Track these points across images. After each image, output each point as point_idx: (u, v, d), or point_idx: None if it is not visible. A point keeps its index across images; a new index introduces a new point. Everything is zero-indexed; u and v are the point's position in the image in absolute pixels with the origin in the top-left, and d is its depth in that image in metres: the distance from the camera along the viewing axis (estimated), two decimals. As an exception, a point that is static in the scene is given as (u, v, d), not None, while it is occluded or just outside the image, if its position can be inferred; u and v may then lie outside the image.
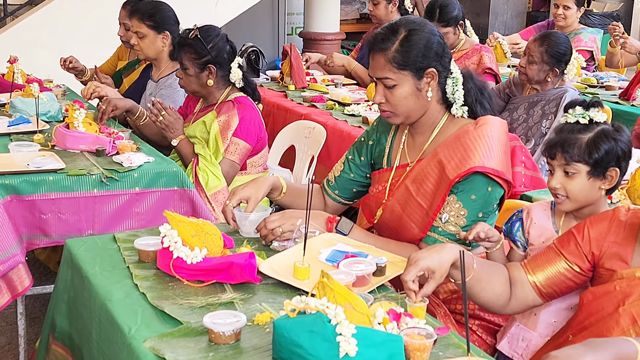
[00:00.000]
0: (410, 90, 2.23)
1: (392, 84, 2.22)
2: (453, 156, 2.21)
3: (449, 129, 2.31)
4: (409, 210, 2.29)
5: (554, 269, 1.90)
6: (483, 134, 2.21)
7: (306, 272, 1.95)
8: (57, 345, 2.20)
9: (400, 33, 2.22)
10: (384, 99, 2.26)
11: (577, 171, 2.02)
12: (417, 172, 2.29)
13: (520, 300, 1.94)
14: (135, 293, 1.91)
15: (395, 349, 1.53)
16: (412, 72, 2.21)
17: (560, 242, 1.93)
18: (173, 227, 2.00)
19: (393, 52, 2.20)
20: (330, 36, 8.48)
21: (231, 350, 1.62)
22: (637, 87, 4.53)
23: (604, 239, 1.86)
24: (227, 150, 3.25)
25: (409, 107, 2.25)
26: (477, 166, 2.17)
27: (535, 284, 1.92)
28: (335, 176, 2.54)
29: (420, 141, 2.36)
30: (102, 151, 3.07)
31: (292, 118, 4.31)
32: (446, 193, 2.21)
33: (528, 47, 3.81)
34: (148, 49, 3.88)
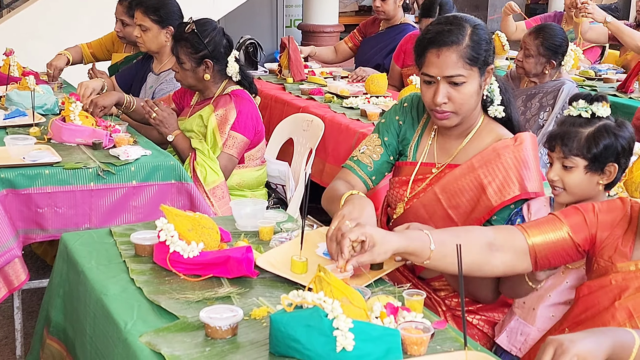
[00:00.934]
0: (476, 88, 2.16)
1: (462, 81, 2.13)
2: (494, 177, 2.16)
3: (483, 135, 2.25)
4: (437, 219, 2.22)
5: (554, 235, 1.85)
6: (523, 154, 2.17)
7: (303, 266, 1.94)
8: (52, 339, 2.19)
9: (466, 27, 2.14)
10: (446, 98, 2.15)
11: (575, 165, 2.01)
12: (449, 181, 2.22)
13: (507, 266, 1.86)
14: (131, 287, 1.91)
15: (393, 343, 1.53)
16: (479, 68, 2.15)
17: (564, 214, 1.88)
18: (170, 221, 1.99)
19: (465, 46, 2.11)
20: (328, 28, 8.47)
21: (228, 345, 1.61)
22: (635, 80, 4.52)
23: (611, 229, 1.83)
24: (225, 144, 3.24)
25: (471, 106, 2.18)
26: (521, 194, 2.15)
27: (534, 249, 1.85)
28: (374, 160, 2.36)
29: (452, 143, 2.29)
30: (99, 144, 3.06)
31: (290, 111, 4.29)
32: (486, 217, 2.18)
33: (524, 41, 3.80)
34: (151, 43, 3.87)
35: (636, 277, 1.76)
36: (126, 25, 4.26)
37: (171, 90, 3.76)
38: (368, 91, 4.48)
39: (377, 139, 2.39)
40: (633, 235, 1.81)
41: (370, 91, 4.46)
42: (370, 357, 1.50)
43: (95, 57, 4.64)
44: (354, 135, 3.73)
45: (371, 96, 4.37)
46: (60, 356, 2.16)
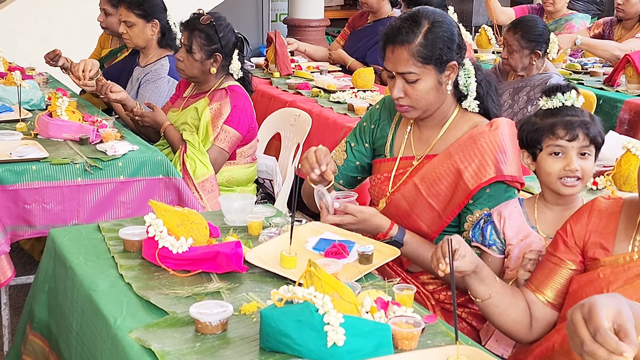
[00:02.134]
0: (433, 85, 2.18)
1: (414, 79, 2.16)
2: (470, 162, 2.18)
3: (459, 125, 2.28)
4: (418, 210, 2.25)
5: (558, 279, 1.89)
6: (499, 139, 2.18)
7: (293, 261, 1.93)
8: (35, 335, 2.18)
9: (423, 25, 2.15)
10: (402, 93, 2.19)
11: (591, 153, 2.02)
12: (428, 171, 2.25)
13: (541, 322, 1.91)
14: (120, 283, 1.90)
15: (383, 338, 1.53)
16: (435, 65, 2.16)
17: (552, 247, 1.92)
18: (158, 216, 1.98)
19: (417, 45, 2.14)
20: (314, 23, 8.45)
21: (218, 340, 1.61)
22: (621, 73, 4.54)
23: (585, 230, 1.86)
24: (217, 137, 3.24)
25: (429, 101, 2.21)
26: (497, 176, 2.16)
27: (548, 302, 1.90)
28: (338, 166, 2.42)
29: (428, 135, 2.32)
30: (86, 140, 3.04)
31: (277, 105, 4.28)
32: (464, 202, 2.20)
33: (504, 38, 3.82)
34: (137, 38, 3.85)
35: (624, 269, 1.77)
36: (109, 15, 4.24)
37: (154, 80, 3.78)
38: (355, 85, 4.47)
39: (344, 144, 2.48)
40: (613, 228, 1.83)
41: (357, 85, 4.45)
42: (361, 352, 1.50)
43: None
44: (341, 130, 3.73)
45: (358, 90, 4.36)
46: (43, 352, 2.15)
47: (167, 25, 3.91)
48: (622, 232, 1.82)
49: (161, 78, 3.78)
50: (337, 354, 1.49)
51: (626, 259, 1.78)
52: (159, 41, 3.89)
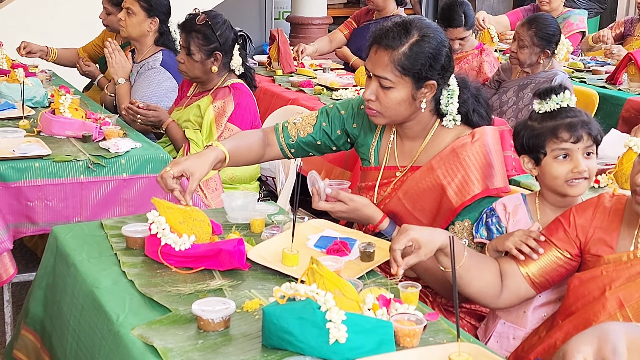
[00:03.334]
0: (405, 97, 2.13)
1: (388, 86, 2.12)
2: (453, 177, 2.15)
3: (441, 136, 2.24)
4: (406, 222, 2.18)
5: (546, 258, 1.91)
6: (481, 151, 2.15)
7: (295, 259, 1.94)
8: (28, 330, 2.18)
9: (412, 35, 2.11)
10: (374, 96, 2.15)
11: (594, 152, 2.03)
12: (411, 185, 2.22)
13: (513, 293, 1.94)
14: (123, 280, 1.90)
15: (385, 335, 1.54)
16: (413, 79, 2.11)
17: (548, 231, 1.93)
18: (161, 213, 1.98)
19: (400, 54, 2.10)
20: (317, 20, 8.44)
21: (220, 337, 1.61)
22: (623, 72, 4.53)
23: (589, 225, 1.87)
24: (221, 136, 3.24)
25: (398, 112, 2.17)
26: (481, 192, 2.14)
27: (529, 276, 1.92)
28: (299, 136, 2.38)
29: (411, 146, 2.29)
30: (89, 137, 3.05)
31: (279, 103, 4.29)
32: (450, 218, 2.18)
33: (517, 32, 3.81)
34: (133, 28, 3.85)
35: (627, 267, 1.78)
36: (110, 14, 4.25)
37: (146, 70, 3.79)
38: (358, 83, 4.47)
39: (314, 118, 2.41)
40: (617, 225, 1.83)
41: (360, 83, 4.45)
42: (363, 349, 1.50)
43: (91, 59, 4.63)
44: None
45: (361, 88, 4.36)
46: (34, 348, 2.15)
47: (167, 29, 3.93)
48: (625, 230, 1.83)
49: (152, 69, 3.78)
50: (339, 351, 1.49)
51: (629, 256, 1.79)
52: (156, 40, 3.90)
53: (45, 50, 4.59)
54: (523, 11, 5.81)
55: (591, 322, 1.77)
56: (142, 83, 3.79)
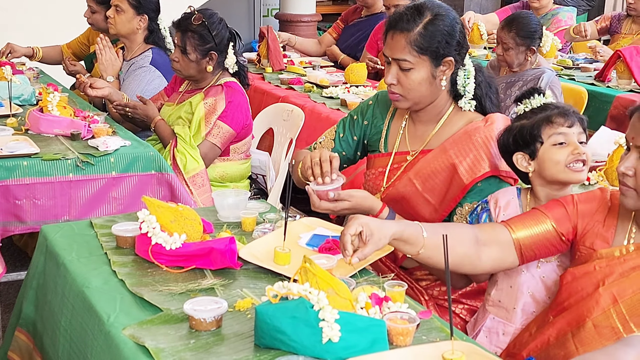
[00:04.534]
0: (426, 76, 2.18)
1: (408, 67, 2.16)
2: (465, 156, 2.18)
3: (454, 121, 2.28)
4: (414, 204, 2.25)
5: (539, 228, 1.88)
6: (493, 134, 2.18)
7: (287, 258, 1.93)
8: (21, 331, 2.17)
9: (425, 16, 2.16)
10: (395, 80, 2.20)
11: (585, 141, 2.04)
12: (422, 166, 2.24)
13: (496, 261, 1.89)
14: (113, 280, 1.89)
15: (378, 334, 1.53)
16: (431, 58, 2.16)
17: (546, 207, 1.91)
18: (151, 212, 1.97)
19: (416, 34, 2.15)
20: (306, 18, 8.43)
21: (212, 337, 1.60)
22: (612, 69, 4.55)
23: (591, 217, 1.86)
24: (209, 133, 3.23)
25: (421, 93, 2.21)
26: (491, 171, 2.17)
27: (519, 242, 1.88)
28: None
29: (423, 130, 2.32)
30: (77, 135, 3.03)
31: (269, 101, 4.28)
32: (460, 196, 2.19)
33: (499, 36, 3.83)
34: (122, 26, 3.84)
35: (620, 262, 1.78)
36: (94, 12, 4.23)
37: (135, 69, 3.78)
38: (348, 81, 4.46)
39: (334, 132, 2.48)
40: (614, 221, 1.83)
41: (350, 81, 4.45)
42: (356, 347, 1.49)
43: (76, 57, 4.60)
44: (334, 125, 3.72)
45: (351, 86, 4.36)
46: (27, 349, 2.14)
47: (157, 26, 3.91)
48: (620, 226, 1.83)
49: (142, 67, 3.78)
50: (332, 350, 1.48)
51: (622, 251, 1.79)
52: (146, 38, 3.89)
53: (30, 52, 4.57)
54: (512, 9, 5.82)
55: (584, 318, 1.77)
56: (132, 81, 3.77)
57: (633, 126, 1.73)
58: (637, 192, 1.71)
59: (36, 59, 4.62)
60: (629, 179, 1.72)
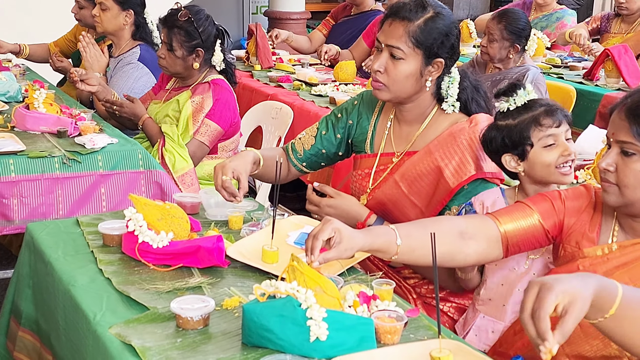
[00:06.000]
0: (414, 71, 2.17)
1: (400, 56, 2.16)
2: (450, 159, 2.18)
3: (439, 122, 2.27)
4: (401, 207, 2.25)
5: (525, 221, 1.86)
6: (477, 136, 2.17)
7: (274, 256, 1.92)
8: (25, 331, 2.14)
9: (428, 11, 2.17)
10: (383, 68, 2.19)
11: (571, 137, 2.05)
12: (408, 168, 2.24)
13: (480, 255, 1.87)
14: (100, 278, 1.87)
15: (366, 332, 1.53)
16: (424, 53, 2.16)
17: (532, 201, 1.90)
18: (138, 210, 1.96)
19: (415, 26, 2.15)
20: (295, 15, 8.42)
21: (200, 335, 1.59)
22: (601, 68, 4.56)
23: (579, 215, 1.85)
24: (197, 131, 3.22)
25: (405, 87, 2.20)
26: (477, 173, 2.17)
27: (506, 236, 1.86)
28: (305, 149, 2.45)
29: (408, 131, 2.31)
30: (64, 132, 3.01)
31: (258, 98, 4.27)
32: (447, 199, 2.19)
33: (487, 26, 3.83)
34: (108, 23, 3.82)
35: (603, 261, 1.78)
36: (82, 8, 4.20)
37: (123, 66, 3.76)
38: (337, 78, 4.46)
39: (315, 129, 2.47)
40: (599, 220, 1.84)
41: (339, 79, 4.44)
42: (344, 346, 1.49)
43: (64, 54, 4.58)
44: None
45: (340, 83, 4.35)
46: (35, 348, 2.12)
47: (143, 20, 3.89)
48: (604, 224, 1.83)
49: (130, 64, 3.76)
50: (320, 349, 1.48)
51: (605, 250, 1.79)
52: (133, 34, 3.87)
53: (17, 49, 4.55)
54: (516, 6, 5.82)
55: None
56: (120, 79, 3.75)
57: (613, 122, 1.73)
58: (619, 187, 1.71)
59: (22, 56, 4.59)
60: (610, 175, 1.72)
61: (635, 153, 1.67)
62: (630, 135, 1.66)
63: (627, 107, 1.69)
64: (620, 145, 1.69)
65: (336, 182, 2.97)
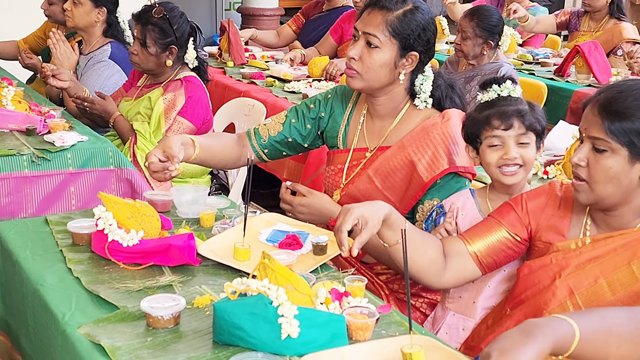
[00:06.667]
0: (389, 61, 2.19)
1: (376, 44, 2.17)
2: (423, 154, 2.19)
3: (411, 117, 2.29)
4: None
5: (494, 237, 1.91)
6: (450, 130, 2.20)
7: (246, 253, 1.91)
8: None
9: (408, 4, 2.20)
10: (358, 55, 2.20)
11: (530, 141, 2.05)
12: (381, 163, 2.25)
13: (459, 272, 1.92)
14: (69, 277, 1.85)
15: (338, 329, 1.52)
16: (400, 44, 2.18)
17: (498, 214, 1.94)
18: (108, 208, 1.94)
19: (394, 16, 2.17)
20: (268, 12, 8.39)
21: (170, 334, 1.58)
22: (571, 64, 4.60)
23: (542, 212, 1.88)
24: (169, 129, 3.20)
25: (378, 77, 2.21)
26: (450, 167, 2.18)
27: (476, 254, 1.91)
28: (270, 135, 2.43)
29: (381, 126, 2.32)
30: (33, 130, 2.97)
31: (231, 95, 4.25)
32: (420, 193, 2.21)
33: (460, 24, 3.86)
34: (80, 19, 3.78)
35: (576, 255, 1.79)
36: (52, 4, 4.16)
37: (94, 64, 3.73)
38: (311, 74, 4.46)
39: (284, 116, 2.45)
40: (568, 214, 1.85)
41: (314, 74, 4.44)
42: (316, 343, 1.49)
43: (33, 51, 4.52)
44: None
45: (313, 80, 4.35)
46: (5, 348, 2.09)
47: (115, 19, 3.86)
48: (574, 218, 1.85)
49: (101, 62, 3.73)
50: (291, 346, 1.47)
51: (578, 244, 1.81)
52: (105, 31, 3.83)
53: None
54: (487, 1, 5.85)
55: (541, 310, 1.78)
56: (91, 76, 3.71)
57: (585, 117, 1.74)
58: (590, 184, 1.72)
59: None
60: (582, 170, 1.73)
61: (607, 149, 1.68)
62: (602, 131, 1.68)
63: (600, 103, 1.71)
64: (592, 141, 1.71)
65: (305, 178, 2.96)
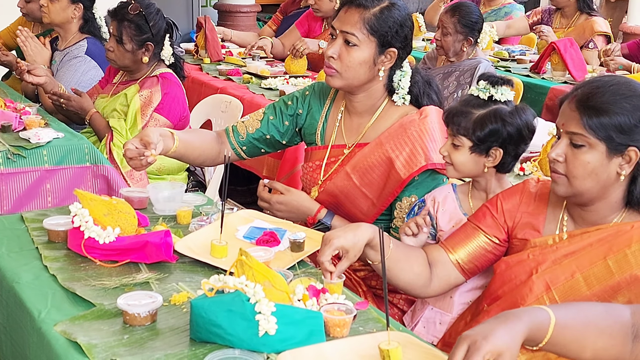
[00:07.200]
0: (368, 58, 2.20)
1: (354, 42, 2.18)
2: (401, 150, 2.21)
3: (389, 114, 2.30)
4: (353, 198, 2.27)
5: (474, 243, 1.93)
6: (428, 127, 2.21)
7: (223, 250, 1.91)
8: None
9: (384, 1, 2.20)
10: (337, 54, 2.21)
11: (462, 144, 2.06)
12: (359, 160, 2.26)
13: (443, 280, 1.95)
14: (44, 275, 1.84)
15: (315, 326, 1.53)
16: (378, 42, 2.19)
17: (475, 218, 1.96)
18: (84, 205, 1.92)
19: (371, 14, 2.18)
20: (245, 8, 8.37)
21: (147, 331, 1.57)
22: (547, 61, 4.64)
23: (517, 210, 1.90)
24: (146, 125, 3.18)
25: (358, 74, 2.21)
26: (427, 164, 2.19)
27: (458, 262, 1.94)
28: (248, 132, 2.43)
29: (359, 123, 2.33)
30: (8, 127, 2.94)
31: (207, 92, 4.23)
32: (398, 190, 2.22)
33: (441, 20, 3.88)
34: (56, 14, 3.75)
35: (553, 250, 1.81)
36: (29, 2, 4.12)
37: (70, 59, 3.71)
38: (288, 71, 4.45)
39: (261, 114, 2.45)
40: (543, 210, 1.87)
41: (291, 71, 4.43)
42: (293, 340, 1.49)
43: (7, 47, 4.48)
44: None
45: (290, 77, 4.35)
46: None
47: (92, 15, 3.83)
48: (550, 214, 1.87)
49: (77, 57, 3.71)
50: (269, 343, 1.48)
51: (555, 240, 1.82)
52: (81, 27, 3.81)
53: None
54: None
55: (518, 305, 1.79)
56: (67, 72, 3.69)
57: (563, 113, 1.76)
58: (568, 178, 1.74)
59: None
60: (560, 165, 1.75)
61: (585, 145, 1.70)
62: (580, 126, 1.69)
63: (577, 99, 1.72)
64: (570, 136, 1.72)
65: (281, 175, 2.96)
